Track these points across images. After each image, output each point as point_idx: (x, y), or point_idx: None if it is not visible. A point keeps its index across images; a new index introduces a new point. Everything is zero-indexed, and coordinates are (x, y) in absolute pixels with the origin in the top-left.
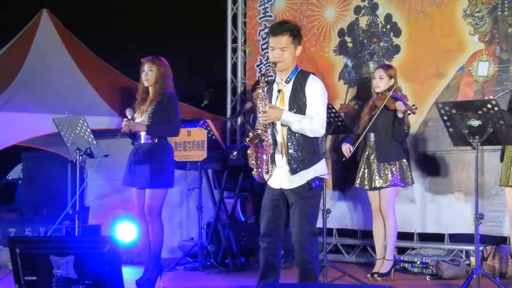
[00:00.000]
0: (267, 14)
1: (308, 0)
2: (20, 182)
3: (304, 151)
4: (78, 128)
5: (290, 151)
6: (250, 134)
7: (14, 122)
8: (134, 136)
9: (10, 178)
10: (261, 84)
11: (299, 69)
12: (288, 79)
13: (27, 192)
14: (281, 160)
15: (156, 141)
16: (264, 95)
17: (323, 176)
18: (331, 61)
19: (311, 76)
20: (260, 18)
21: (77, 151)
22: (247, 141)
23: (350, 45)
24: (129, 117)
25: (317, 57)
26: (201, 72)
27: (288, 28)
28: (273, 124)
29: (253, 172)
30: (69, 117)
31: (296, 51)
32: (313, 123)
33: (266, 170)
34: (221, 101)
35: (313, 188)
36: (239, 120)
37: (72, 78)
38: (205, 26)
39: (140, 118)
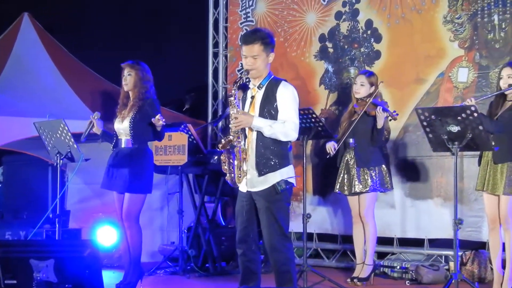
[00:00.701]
0: (248, 19)
1: (290, 5)
2: (0, 185)
3: (271, 154)
4: (59, 131)
5: (257, 154)
6: (223, 140)
7: None
8: (112, 139)
9: None
10: (233, 91)
11: (272, 75)
12: (260, 85)
13: (7, 195)
14: (249, 164)
15: (137, 145)
16: (236, 102)
17: (289, 179)
18: (312, 66)
19: (283, 82)
20: (241, 23)
21: (57, 155)
22: (219, 147)
23: (331, 50)
24: (95, 116)
25: (298, 62)
26: (182, 76)
27: (259, 36)
28: (243, 129)
29: (226, 177)
30: (50, 121)
31: (269, 58)
32: (285, 127)
33: (239, 175)
34: (202, 106)
35: (280, 191)
36: (220, 124)
37: (53, 82)
38: (187, 31)
39: (121, 123)
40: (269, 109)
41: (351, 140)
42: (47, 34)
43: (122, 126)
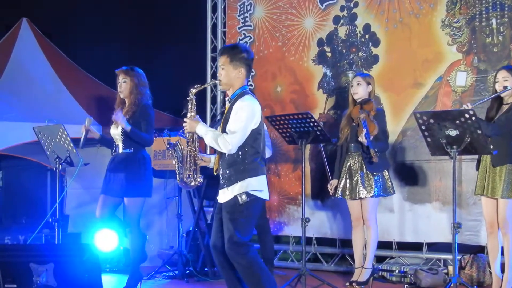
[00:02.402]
0: (246, 23)
1: (288, 10)
2: None
3: (230, 168)
4: (58, 136)
5: (220, 168)
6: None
7: None
8: (111, 145)
9: None
10: (190, 95)
11: (244, 91)
12: (230, 99)
13: (6, 200)
14: (218, 175)
15: (133, 150)
16: (190, 106)
17: (254, 192)
18: (310, 70)
19: (245, 96)
20: (239, 28)
21: (57, 160)
22: (167, 146)
23: (329, 54)
24: (86, 123)
25: (296, 67)
26: (181, 81)
27: (227, 49)
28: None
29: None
30: (49, 126)
31: (237, 72)
32: (222, 138)
33: (187, 177)
34: (200, 110)
35: (240, 204)
36: (218, 129)
37: (51, 87)
38: (185, 35)
39: (116, 128)
40: (228, 122)
41: (352, 146)
42: (46, 39)
43: (117, 132)
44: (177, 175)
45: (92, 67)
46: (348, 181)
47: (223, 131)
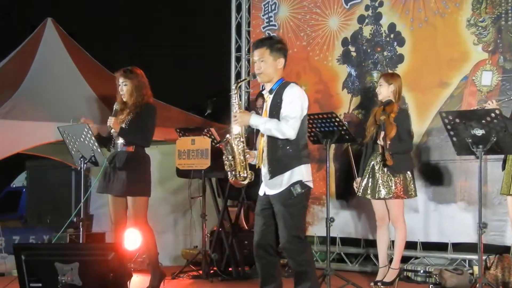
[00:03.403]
0: (271, 23)
1: (312, 9)
2: (24, 190)
3: (281, 156)
4: (83, 136)
5: (268, 157)
6: (228, 136)
7: (19, 130)
8: (109, 142)
9: (14, 186)
10: (233, 90)
11: (284, 81)
12: (271, 91)
13: (31, 200)
14: (263, 167)
15: (133, 149)
16: (234, 100)
17: (306, 182)
18: (334, 70)
19: (291, 84)
20: (264, 27)
21: (81, 159)
22: (220, 146)
23: (353, 54)
24: (114, 108)
25: (320, 66)
26: (205, 81)
27: (267, 41)
28: (258, 132)
29: (229, 177)
30: (73, 125)
31: (277, 63)
32: (280, 124)
33: (237, 175)
34: (224, 110)
35: (295, 195)
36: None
37: (76, 87)
38: (209, 35)
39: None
40: (277, 112)
41: (379, 146)
42: (70, 39)
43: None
44: (229, 173)
45: (117, 67)
46: (370, 180)
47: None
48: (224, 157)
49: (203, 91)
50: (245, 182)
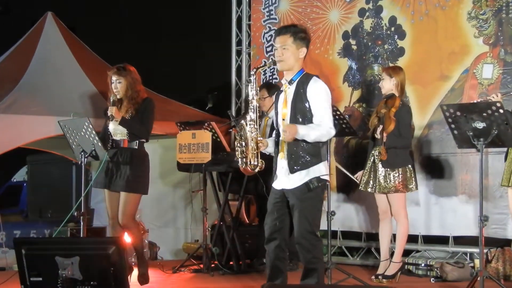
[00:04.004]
0: (271, 16)
1: (313, 2)
2: (25, 184)
3: (302, 152)
4: (83, 130)
5: (289, 152)
6: (242, 121)
7: (19, 125)
8: (105, 141)
9: (15, 180)
10: (252, 74)
11: (304, 72)
12: (291, 81)
13: (32, 194)
14: (282, 160)
15: (137, 146)
16: (253, 85)
17: (323, 177)
18: (335, 63)
19: (314, 78)
20: (264, 21)
21: (82, 153)
22: (232, 129)
23: (354, 47)
24: (112, 99)
25: (321, 60)
26: (206, 75)
27: (291, 28)
28: (276, 125)
29: (239, 164)
30: (74, 119)
31: (299, 53)
32: (324, 129)
33: (249, 162)
34: (225, 104)
35: (312, 189)
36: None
37: (77, 81)
38: (210, 29)
39: (114, 124)
40: (300, 107)
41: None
42: (71, 33)
43: (120, 127)
44: (240, 160)
45: (118, 60)
46: (372, 174)
47: (293, 112)
48: (236, 142)
49: (203, 85)
50: (255, 170)
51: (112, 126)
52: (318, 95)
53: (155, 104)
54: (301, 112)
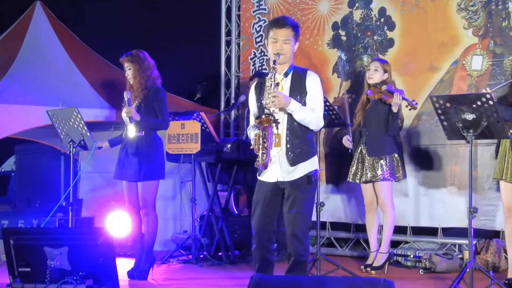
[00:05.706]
0: (261, 7)
1: None
2: (13, 174)
3: (302, 143)
4: (72, 120)
5: (288, 144)
6: (263, 116)
7: (7, 114)
8: (120, 141)
9: (3, 170)
10: (270, 73)
11: (294, 65)
12: (286, 73)
13: (20, 184)
14: (277, 152)
15: (144, 133)
16: (274, 79)
17: (318, 170)
18: (325, 54)
19: (309, 71)
20: (254, 11)
21: (71, 143)
22: (257, 122)
23: (344, 38)
24: (126, 98)
25: (311, 51)
26: (195, 65)
27: (291, 22)
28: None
29: (257, 160)
30: (63, 109)
31: (295, 47)
32: (315, 114)
33: (267, 159)
34: (214, 94)
35: (312, 182)
36: (233, 113)
37: (65, 71)
38: (199, 19)
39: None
40: (297, 98)
41: (365, 131)
42: (60, 22)
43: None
44: (260, 156)
45: (106, 50)
46: (360, 165)
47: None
48: (256, 138)
49: (192, 76)
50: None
51: (124, 115)
52: (315, 86)
53: (164, 90)
54: (299, 100)
